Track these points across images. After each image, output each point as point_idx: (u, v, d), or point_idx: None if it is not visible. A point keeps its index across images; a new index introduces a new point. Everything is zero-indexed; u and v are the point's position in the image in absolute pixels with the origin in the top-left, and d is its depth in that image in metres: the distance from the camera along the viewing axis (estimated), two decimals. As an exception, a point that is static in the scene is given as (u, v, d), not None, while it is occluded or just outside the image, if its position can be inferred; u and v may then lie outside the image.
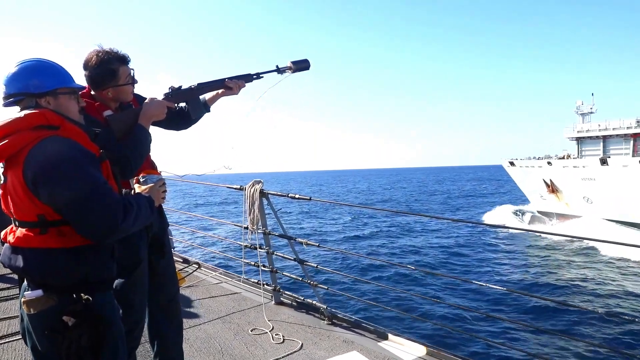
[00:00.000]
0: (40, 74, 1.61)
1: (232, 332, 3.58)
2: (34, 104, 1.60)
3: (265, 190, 4.05)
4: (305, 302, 4.14)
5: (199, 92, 2.48)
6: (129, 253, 2.24)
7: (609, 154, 28.64)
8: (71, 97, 1.68)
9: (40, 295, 1.52)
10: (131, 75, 2.26)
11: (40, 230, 1.52)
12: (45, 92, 1.60)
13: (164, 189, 1.87)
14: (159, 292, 2.50)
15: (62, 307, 1.50)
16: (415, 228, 26.02)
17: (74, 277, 1.54)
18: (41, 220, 1.52)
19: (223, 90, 2.55)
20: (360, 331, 3.63)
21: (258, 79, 2.58)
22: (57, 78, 1.64)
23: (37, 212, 1.51)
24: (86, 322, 1.51)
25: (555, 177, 29.64)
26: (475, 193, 60.76)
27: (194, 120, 2.57)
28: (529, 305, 11.80)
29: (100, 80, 2.18)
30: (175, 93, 2.40)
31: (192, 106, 2.47)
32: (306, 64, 2.60)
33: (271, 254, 4.24)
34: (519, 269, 16.95)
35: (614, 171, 25.37)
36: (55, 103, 1.63)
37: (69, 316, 1.49)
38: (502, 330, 10.02)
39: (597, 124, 29.90)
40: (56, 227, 1.52)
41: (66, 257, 1.53)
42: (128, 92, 2.29)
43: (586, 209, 27.70)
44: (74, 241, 1.54)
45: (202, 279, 5.01)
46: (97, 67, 2.16)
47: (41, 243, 1.52)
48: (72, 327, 1.48)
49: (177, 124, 2.58)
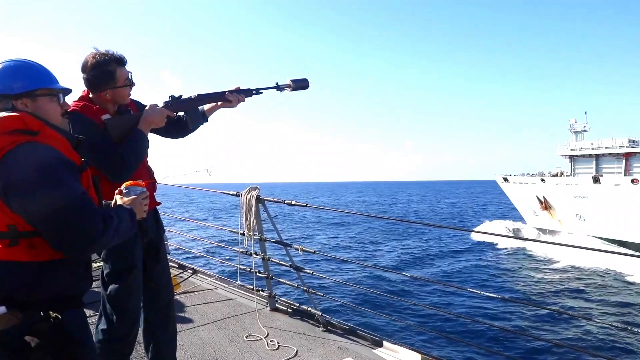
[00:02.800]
0: (16, 74, 1.50)
1: (227, 338, 3.58)
2: (10, 106, 1.48)
3: (262, 197, 4.07)
4: (300, 309, 4.14)
5: (198, 103, 2.50)
6: (123, 258, 2.24)
7: (602, 172, 28.87)
8: (52, 100, 1.56)
9: (3, 313, 1.37)
10: (129, 78, 2.27)
11: (10, 241, 1.40)
12: (21, 94, 1.49)
13: (146, 201, 1.77)
14: (155, 298, 2.51)
15: (27, 326, 1.38)
16: (411, 236, 26.07)
17: (43, 293, 1.42)
18: (12, 231, 1.40)
19: (222, 102, 2.57)
20: (355, 338, 3.63)
21: (257, 94, 2.62)
22: (35, 79, 1.52)
23: (8, 222, 1.39)
24: (52, 343, 1.40)
25: (548, 194, 29.81)
26: (469, 206, 60.84)
27: (191, 129, 2.59)
28: (527, 313, 11.83)
29: (98, 82, 2.18)
30: (175, 102, 2.42)
31: (191, 116, 2.50)
32: (305, 83, 2.63)
33: (267, 260, 4.25)
34: (515, 278, 17.01)
35: (606, 190, 25.59)
36: (33, 105, 1.51)
37: (32, 336, 1.38)
38: (497, 337, 10.03)
39: (590, 143, 30.12)
40: (27, 238, 1.41)
41: (36, 271, 1.41)
42: (126, 95, 2.30)
43: (579, 227, 27.89)
44: (46, 254, 1.42)
45: (197, 285, 5.00)
46: (94, 69, 2.16)
47: (9, 255, 1.40)
48: (34, 348, 1.37)
49: (175, 132, 2.60)
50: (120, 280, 2.25)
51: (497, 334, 10.05)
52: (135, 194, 1.71)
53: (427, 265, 18.65)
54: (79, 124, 2.06)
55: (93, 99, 2.26)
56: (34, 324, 1.39)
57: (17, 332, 1.38)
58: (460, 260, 19.62)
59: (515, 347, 9.62)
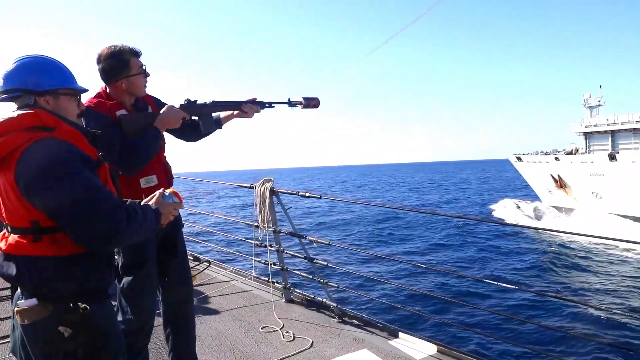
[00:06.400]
0: (42, 71, 1.53)
1: (243, 329, 3.60)
2: (33, 102, 1.51)
3: (276, 189, 4.06)
4: (315, 300, 4.14)
5: (212, 110, 2.56)
6: (133, 253, 2.25)
7: (618, 148, 28.27)
8: (72, 99, 1.61)
9: (35, 305, 1.42)
10: (143, 68, 2.32)
11: (34, 237, 1.43)
12: (46, 91, 1.53)
13: (175, 213, 1.78)
14: (172, 292, 2.52)
15: (58, 317, 1.42)
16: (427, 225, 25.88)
17: (68, 287, 1.46)
18: (34, 227, 1.43)
19: (239, 112, 2.65)
20: (370, 329, 3.62)
21: (270, 107, 2.72)
22: (60, 77, 1.57)
23: (30, 218, 1.43)
24: (83, 333, 1.44)
25: (563, 173, 29.39)
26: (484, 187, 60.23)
27: (204, 134, 2.64)
28: (544, 304, 11.66)
29: (113, 70, 2.23)
30: (190, 105, 2.48)
31: (204, 121, 2.56)
32: (315, 101, 2.75)
33: (281, 252, 4.25)
34: (534, 267, 16.76)
35: (623, 167, 25.13)
36: (54, 103, 1.55)
37: (65, 327, 1.42)
38: (514, 328, 9.92)
39: (605, 119, 29.46)
40: (50, 234, 1.44)
41: (60, 265, 1.44)
42: (141, 85, 2.34)
43: (595, 204, 27.48)
44: (69, 249, 1.45)
45: (212, 277, 5.04)
46: (110, 57, 2.22)
47: (34, 251, 1.43)
48: (68, 338, 1.41)
49: (188, 135, 2.66)
50: (132, 274, 2.27)
51: (516, 326, 9.94)
52: (171, 200, 1.74)
53: (443, 253, 18.52)
54: (93, 120, 2.13)
55: (109, 92, 2.31)
56: (65, 315, 1.43)
57: (49, 323, 1.42)
58: (478, 248, 19.41)
59: (534, 339, 9.51)
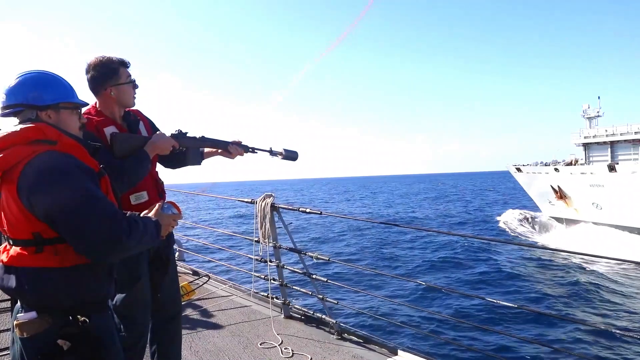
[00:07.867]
0: (43, 86, 1.56)
1: (242, 345, 3.58)
2: (35, 116, 1.54)
3: (276, 204, 4.09)
4: (314, 316, 4.13)
5: (200, 144, 2.58)
6: (126, 269, 2.21)
7: (617, 159, 28.35)
8: (73, 113, 1.63)
9: (34, 318, 1.43)
10: (132, 79, 2.33)
11: (36, 248, 1.44)
12: (47, 105, 1.55)
13: (174, 224, 1.82)
14: (162, 309, 2.51)
15: (57, 330, 1.43)
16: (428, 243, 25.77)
17: (69, 298, 1.47)
18: (36, 238, 1.44)
19: (223, 151, 2.66)
20: (369, 346, 3.61)
21: (253, 152, 2.74)
22: (61, 92, 1.59)
23: (33, 229, 1.44)
24: (82, 345, 1.44)
25: (563, 184, 29.43)
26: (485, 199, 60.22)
27: (185, 165, 2.65)
28: (546, 323, 11.55)
29: (102, 78, 2.24)
30: (181, 136, 2.48)
31: (192, 154, 2.58)
32: (295, 155, 2.82)
33: (281, 267, 4.25)
34: (537, 284, 16.62)
35: (622, 178, 25.22)
36: (56, 117, 1.57)
37: (64, 340, 1.42)
38: (513, 347, 9.82)
39: (604, 129, 29.54)
40: (52, 245, 1.45)
41: (62, 276, 1.45)
42: (130, 95, 2.34)
43: (596, 215, 27.48)
44: (70, 260, 1.46)
45: (211, 292, 5.03)
46: (98, 65, 2.24)
47: (36, 262, 1.44)
48: (67, 351, 1.41)
49: (172, 163, 2.65)
50: (125, 291, 2.26)
51: (516, 344, 9.83)
52: (170, 212, 1.78)
53: (443, 271, 18.39)
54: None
55: (99, 106, 2.31)
56: (64, 328, 1.44)
57: (48, 336, 1.42)
58: (480, 265, 19.29)
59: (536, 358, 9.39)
